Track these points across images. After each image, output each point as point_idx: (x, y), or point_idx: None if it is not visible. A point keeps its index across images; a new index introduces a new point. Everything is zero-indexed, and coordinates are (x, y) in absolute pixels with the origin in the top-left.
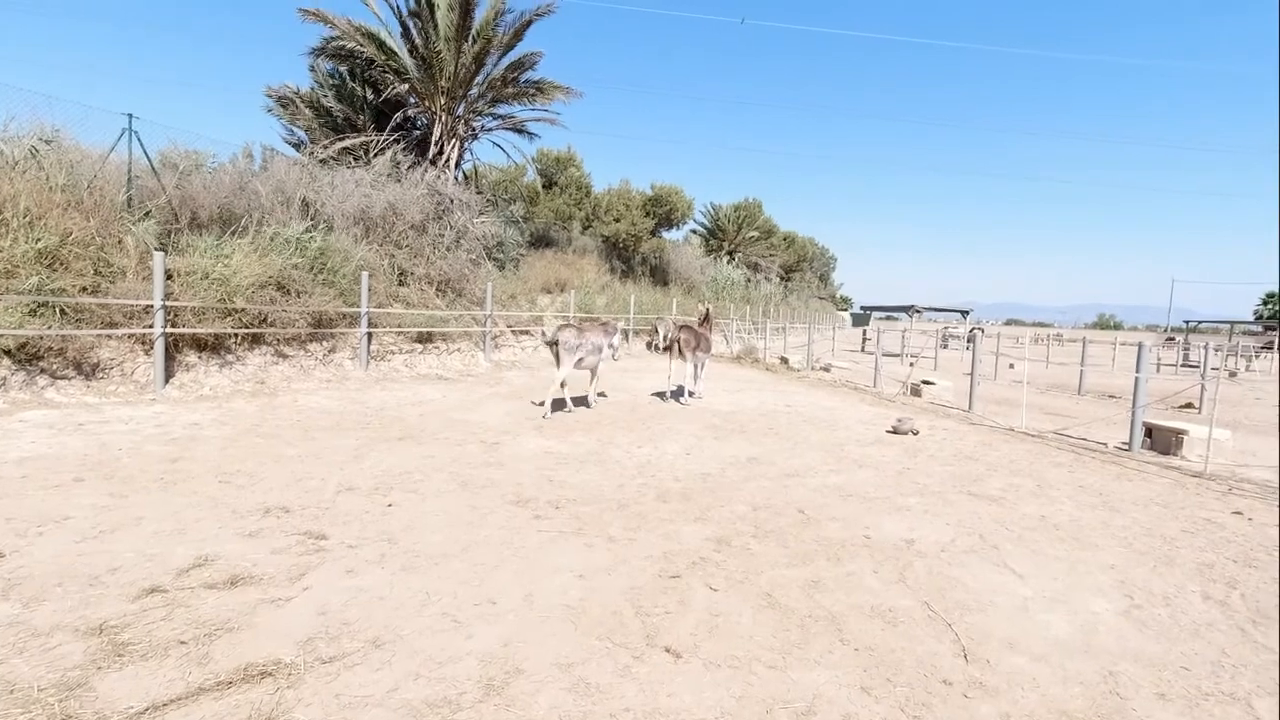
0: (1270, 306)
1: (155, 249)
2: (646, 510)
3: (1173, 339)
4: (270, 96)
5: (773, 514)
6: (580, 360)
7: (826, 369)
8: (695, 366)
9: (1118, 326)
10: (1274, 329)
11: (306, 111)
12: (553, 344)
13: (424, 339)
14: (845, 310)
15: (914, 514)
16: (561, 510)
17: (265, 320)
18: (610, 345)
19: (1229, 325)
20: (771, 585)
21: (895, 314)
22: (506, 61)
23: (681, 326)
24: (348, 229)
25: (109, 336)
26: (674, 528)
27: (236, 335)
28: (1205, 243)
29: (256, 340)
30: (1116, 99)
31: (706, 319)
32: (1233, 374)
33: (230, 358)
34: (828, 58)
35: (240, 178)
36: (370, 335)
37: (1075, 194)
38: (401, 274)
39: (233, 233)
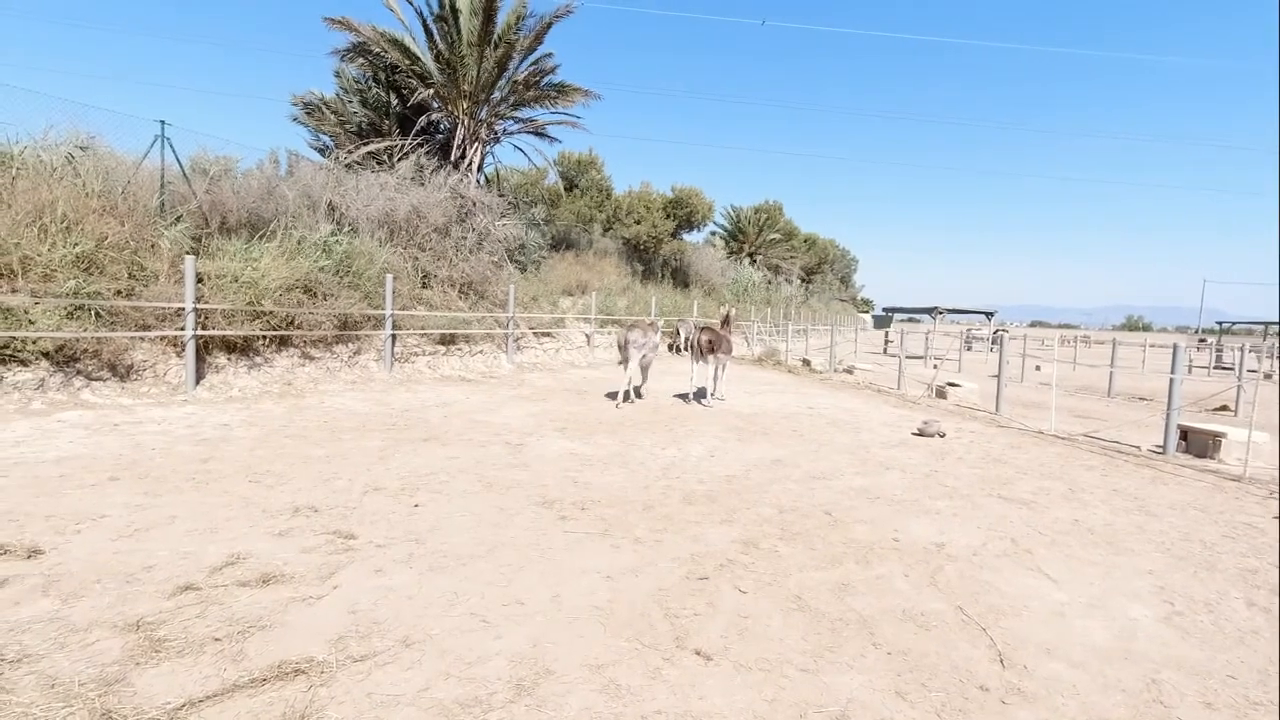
0: None
1: (187, 253)
2: (672, 512)
3: (1204, 340)
4: (296, 104)
5: (799, 516)
6: (644, 356)
7: (849, 371)
8: (717, 368)
9: (1147, 328)
10: None
11: (331, 117)
12: (625, 343)
13: (447, 341)
14: (866, 312)
15: (943, 517)
16: (587, 512)
17: (292, 323)
18: (656, 343)
19: (1263, 326)
20: (800, 588)
21: (917, 316)
22: (527, 65)
23: (703, 328)
24: (372, 232)
25: (142, 339)
26: (700, 530)
27: (265, 337)
28: (1238, 243)
29: (284, 342)
30: (1142, 97)
31: (727, 321)
32: (1268, 376)
33: (258, 359)
34: (849, 58)
35: (268, 183)
36: (394, 337)
37: (1101, 194)
38: (425, 276)
39: (260, 237)
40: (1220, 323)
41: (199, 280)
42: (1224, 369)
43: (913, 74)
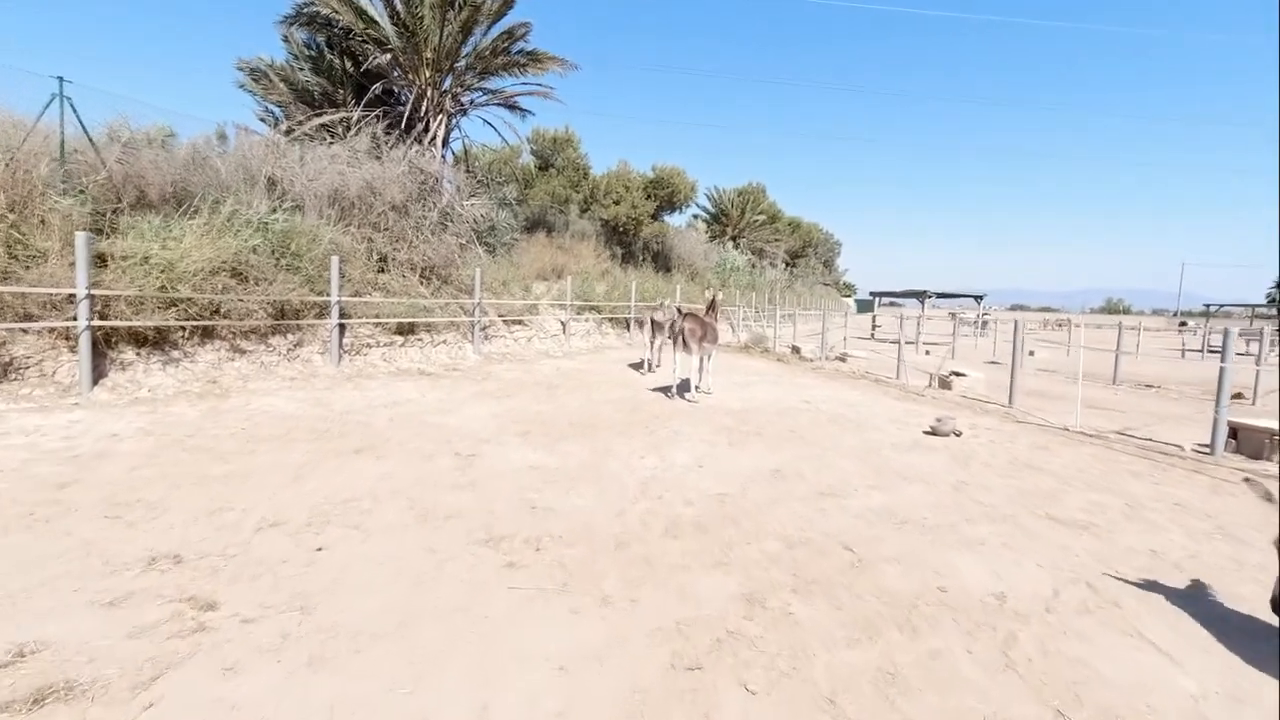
0: None
1: (79, 229)
2: (652, 551)
3: (1184, 324)
4: (242, 69)
5: (814, 553)
6: (664, 335)
7: (842, 359)
8: (702, 359)
9: (1127, 311)
10: None
11: (281, 86)
12: (651, 321)
13: (405, 330)
14: (849, 297)
15: (990, 550)
16: (543, 554)
17: (218, 311)
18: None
19: (1250, 309)
20: (831, 680)
21: (898, 300)
22: (496, 31)
23: (686, 314)
24: (320, 210)
25: (24, 330)
26: (689, 578)
27: (184, 328)
28: (1212, 225)
29: (208, 334)
30: (1114, 72)
31: (713, 306)
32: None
33: (176, 354)
34: (834, 41)
35: (195, 153)
36: (343, 327)
37: (1079, 175)
38: (381, 259)
39: (184, 213)
40: (1208, 305)
41: (102, 262)
42: (1214, 353)
43: (899, 52)
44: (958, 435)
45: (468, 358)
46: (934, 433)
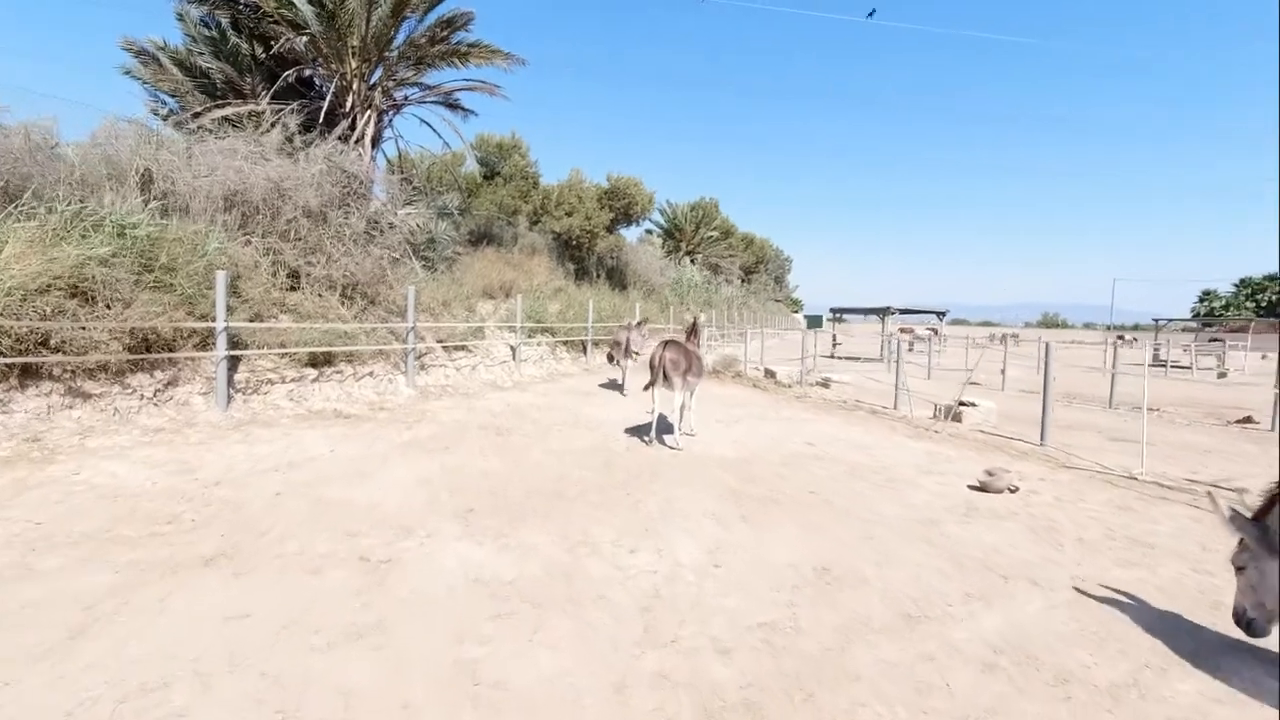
0: (1206, 304)
1: None
2: None
3: (1122, 338)
4: (128, 50)
5: None
6: (639, 354)
7: (825, 384)
8: (686, 396)
9: (1064, 325)
10: None
11: (175, 71)
12: (626, 341)
13: (320, 361)
14: (797, 312)
15: None
16: None
17: (46, 342)
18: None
19: (1199, 322)
20: None
21: (844, 316)
22: (433, 18)
23: (667, 343)
24: (213, 214)
25: None
26: None
27: None
28: (1136, 242)
29: (32, 373)
30: (1043, 81)
31: (694, 331)
32: (1223, 375)
33: None
34: (782, 55)
35: (33, 139)
36: (235, 359)
37: (1001, 192)
38: (292, 275)
39: (10, 214)
40: (1157, 319)
41: None
42: (1179, 369)
43: (832, 61)
44: (1013, 491)
45: (399, 392)
46: (984, 488)
